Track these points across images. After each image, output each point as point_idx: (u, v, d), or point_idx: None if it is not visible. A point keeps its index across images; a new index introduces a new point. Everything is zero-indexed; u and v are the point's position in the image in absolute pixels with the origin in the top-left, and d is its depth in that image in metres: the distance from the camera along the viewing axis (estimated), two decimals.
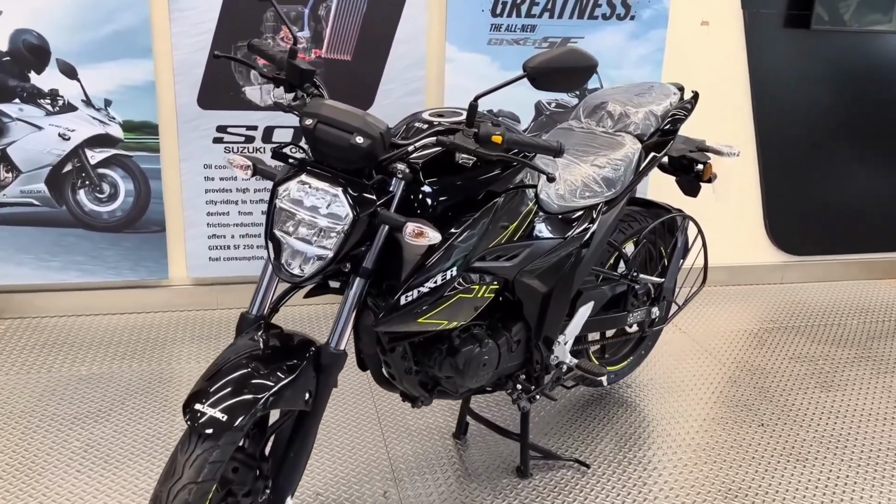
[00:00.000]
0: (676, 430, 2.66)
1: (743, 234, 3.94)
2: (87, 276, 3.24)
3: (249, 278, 3.40)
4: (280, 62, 1.86)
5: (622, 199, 2.34)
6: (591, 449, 2.53)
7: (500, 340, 2.12)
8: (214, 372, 1.64)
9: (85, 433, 2.51)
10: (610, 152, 2.31)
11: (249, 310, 1.81)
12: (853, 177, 4.00)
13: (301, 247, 1.65)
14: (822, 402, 2.89)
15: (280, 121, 3.20)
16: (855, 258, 4.13)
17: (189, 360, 2.99)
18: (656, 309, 2.69)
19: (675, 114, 2.46)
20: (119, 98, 3.06)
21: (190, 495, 1.50)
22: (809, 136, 3.86)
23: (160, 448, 2.44)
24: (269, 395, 1.60)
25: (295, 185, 1.65)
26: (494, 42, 3.32)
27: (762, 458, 2.53)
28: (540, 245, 2.10)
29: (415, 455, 2.47)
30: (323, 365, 1.73)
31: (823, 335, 3.47)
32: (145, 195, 3.20)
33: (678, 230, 2.71)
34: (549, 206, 2.12)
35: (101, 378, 2.84)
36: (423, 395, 2.10)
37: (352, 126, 1.60)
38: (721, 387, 2.97)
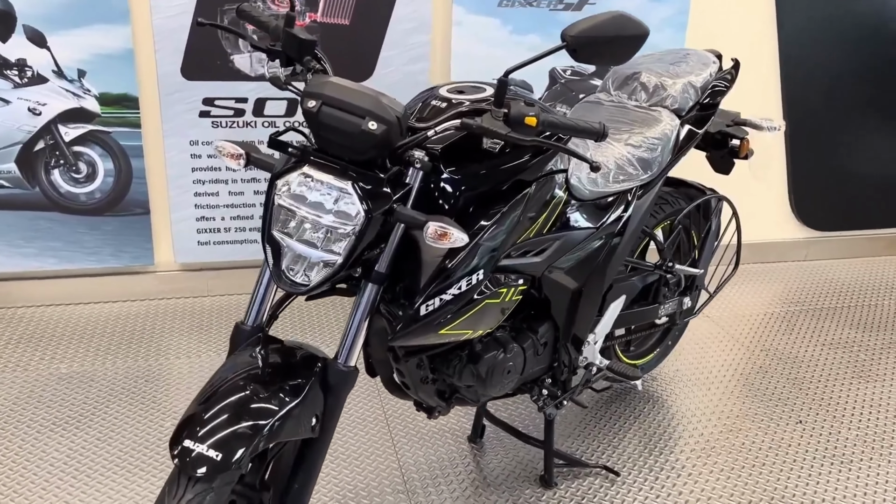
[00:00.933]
0: (709, 429, 2.46)
1: (767, 210, 3.71)
2: (64, 263, 2.99)
3: (241, 263, 3.16)
4: (275, 30, 1.60)
5: (658, 181, 2.10)
6: (618, 453, 2.33)
7: (526, 344, 1.89)
8: (208, 396, 1.41)
9: (66, 440, 2.28)
10: (645, 129, 2.06)
11: (245, 320, 1.57)
12: (883, 148, 3.76)
13: (304, 250, 1.41)
14: (861, 395, 2.69)
15: (273, 92, 2.92)
16: (881, 233, 3.92)
17: (178, 354, 2.76)
18: (688, 299, 2.47)
19: (715, 85, 2.21)
20: (94, 68, 2.78)
21: None
22: (840, 105, 3.61)
23: (148, 456, 2.22)
24: (272, 425, 1.37)
25: (296, 178, 1.40)
26: (506, 4, 3.03)
27: (804, 460, 2.33)
28: (571, 237, 1.86)
29: (427, 462, 2.26)
30: (331, 384, 1.50)
31: (854, 318, 3.27)
32: (126, 175, 2.93)
33: (713, 213, 2.47)
34: (580, 192, 1.88)
35: (83, 377, 2.61)
36: (440, 404, 1.88)
37: (363, 109, 1.35)
38: (752, 378, 2.76)
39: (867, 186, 3.80)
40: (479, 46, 3.05)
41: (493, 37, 3.05)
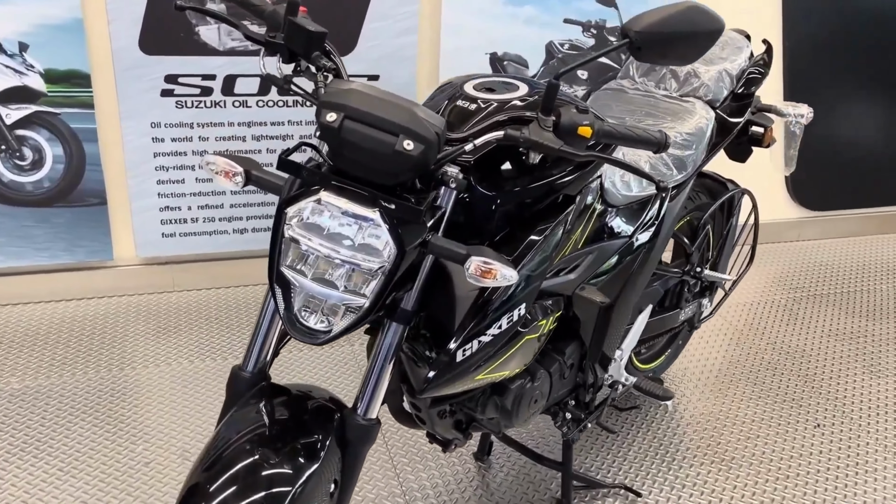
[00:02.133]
0: (726, 437, 2.32)
1: (761, 189, 3.55)
2: (11, 260, 2.67)
3: (210, 255, 2.89)
4: (272, 18, 1.32)
5: (691, 181, 1.90)
6: (635, 469, 2.17)
7: (553, 368, 1.69)
8: (212, 461, 1.18)
9: (24, 471, 2.02)
10: (678, 124, 1.85)
11: (244, 365, 1.33)
12: (877, 124, 3.64)
13: (322, 292, 1.17)
14: (874, 392, 2.58)
15: (244, 68, 2.62)
16: (873, 212, 3.82)
17: (146, 362, 2.49)
18: (706, 300, 2.30)
19: (751, 72, 2.01)
20: (38, 41, 2.43)
21: None
22: (837, 85, 3.46)
23: (116, 493, 1.97)
24: (290, 497, 1.15)
25: (312, 205, 1.15)
26: None
27: (828, 470, 2.21)
28: (605, 248, 1.66)
29: (432, 484, 2.06)
30: (350, 440, 1.28)
31: (856, 304, 3.16)
32: (78, 161, 2.61)
33: (735, 208, 2.29)
34: (613, 197, 1.67)
35: (39, 393, 2.33)
36: (457, 437, 1.68)
37: (398, 125, 1.10)
38: (762, 376, 2.63)
39: (861, 166, 3.68)
40: (471, 18, 2.79)
41: (485, 7, 2.79)
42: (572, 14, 2.87)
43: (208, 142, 2.70)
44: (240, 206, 2.82)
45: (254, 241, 2.88)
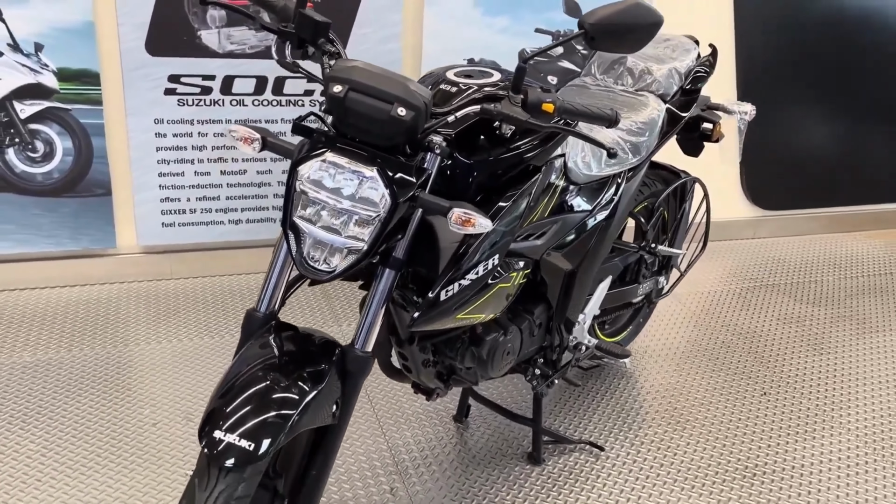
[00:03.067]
0: (682, 403, 2.56)
1: (719, 190, 3.83)
2: (20, 247, 2.85)
3: (207, 245, 3.09)
4: (283, 11, 1.56)
5: (645, 164, 2.16)
6: (599, 428, 2.40)
7: (523, 325, 1.92)
8: (229, 387, 1.39)
9: (39, 433, 2.20)
10: (633, 114, 2.10)
11: (257, 307, 1.54)
12: (825, 130, 3.94)
13: (327, 237, 1.39)
14: (817, 367, 2.84)
15: (241, 69, 2.85)
16: (823, 212, 4.12)
17: (149, 340, 2.68)
18: (663, 278, 2.55)
19: (697, 71, 2.27)
20: (53, 42, 2.64)
21: None
22: (786, 88, 3.76)
23: (129, 448, 2.16)
24: (297, 414, 1.36)
25: (321, 164, 1.38)
26: None
27: (772, 431, 2.45)
28: (568, 219, 1.90)
29: (416, 443, 2.27)
30: (349, 370, 1.49)
31: (804, 293, 3.44)
32: (86, 154, 2.81)
33: (687, 194, 2.55)
34: (576, 176, 1.91)
35: (50, 365, 2.51)
36: (439, 386, 1.90)
37: (393, 95, 1.33)
38: (716, 353, 2.88)
39: (811, 168, 3.98)
40: (450, 26, 3.04)
41: (464, 17, 3.05)
42: (543, 24, 3.13)
43: (207, 137, 2.91)
44: (235, 198, 3.03)
45: (248, 232, 3.09)
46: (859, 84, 3.90)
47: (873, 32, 3.81)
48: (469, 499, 2.07)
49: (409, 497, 2.07)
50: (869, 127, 4.03)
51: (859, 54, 3.83)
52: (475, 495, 2.09)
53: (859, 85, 3.90)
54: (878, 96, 3.97)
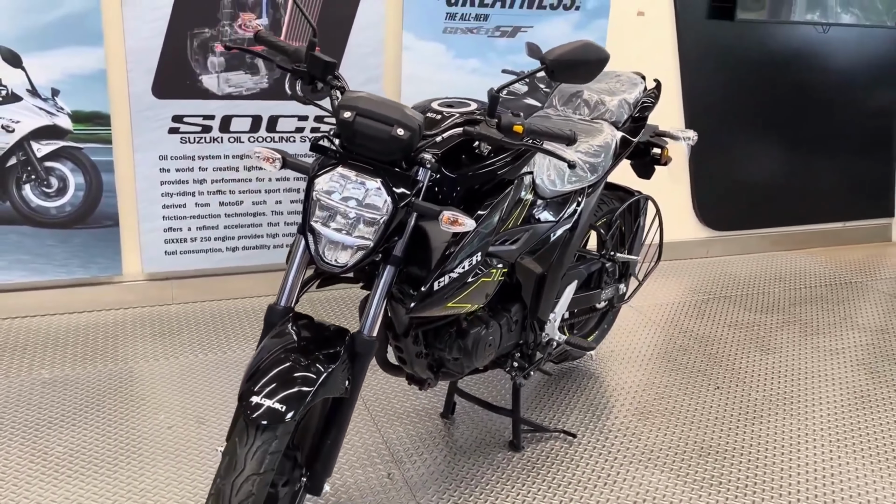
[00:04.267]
0: (643, 397, 2.85)
1: (673, 213, 4.19)
2: (34, 276, 3.08)
3: (206, 271, 3.34)
4: (295, 54, 1.86)
5: (602, 182, 2.48)
6: (571, 419, 2.68)
7: (502, 321, 2.21)
8: (256, 368, 1.65)
9: (65, 437, 2.42)
10: (590, 139, 2.43)
11: (277, 302, 1.81)
12: (766, 156, 4.34)
13: (339, 237, 1.68)
14: (765, 364, 3.16)
15: (238, 110, 3.14)
16: (769, 231, 4.49)
17: (157, 357, 2.92)
18: (623, 285, 2.86)
19: (644, 102, 2.62)
20: (68, 87, 2.92)
21: (254, 487, 1.52)
22: (731, 119, 4.16)
23: (149, 448, 2.38)
24: (317, 386, 1.62)
25: (333, 177, 1.67)
26: (449, 30, 3.38)
27: (723, 418, 2.75)
28: (538, 228, 2.20)
29: (409, 437, 2.53)
30: (358, 352, 1.76)
31: (753, 303, 3.78)
32: (97, 189, 3.07)
33: (641, 211, 2.88)
34: (543, 191, 2.22)
35: (67, 381, 2.73)
36: (430, 377, 2.17)
37: (392, 119, 1.64)
38: (675, 355, 3.19)
39: (757, 191, 4.36)
40: (426, 69, 3.38)
41: (438, 60, 3.39)
42: (508, 66, 3.49)
43: (207, 171, 3.19)
44: (232, 227, 3.30)
45: (244, 258, 3.35)
46: (797, 116, 4.32)
47: (806, 70, 4.25)
48: (458, 481, 2.33)
49: (405, 481, 2.32)
50: (807, 154, 4.44)
51: (794, 89, 4.25)
52: (463, 478, 2.35)
53: (797, 117, 4.32)
54: (814, 127, 4.39)
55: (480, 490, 2.30)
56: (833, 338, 3.46)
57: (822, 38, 4.20)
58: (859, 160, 4.60)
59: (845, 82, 4.38)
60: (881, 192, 4.74)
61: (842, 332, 3.52)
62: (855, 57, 4.35)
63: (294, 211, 3.37)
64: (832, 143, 4.49)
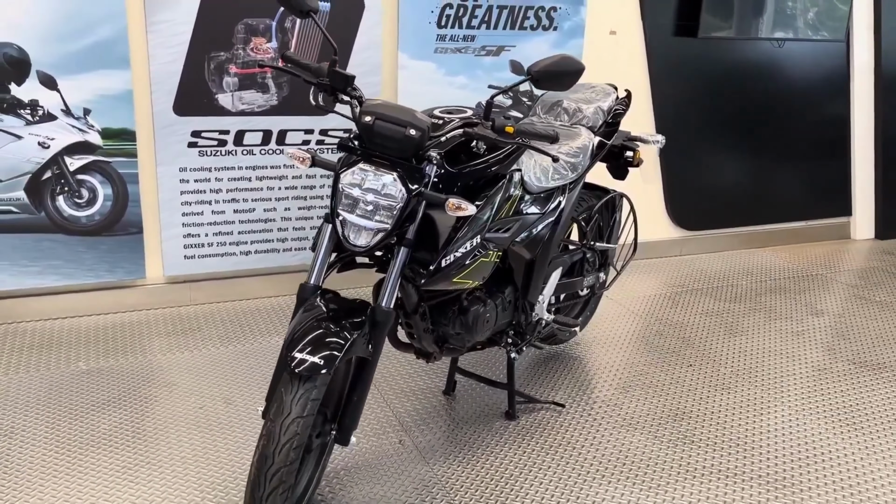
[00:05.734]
0: (624, 375, 3.17)
1: (648, 215, 4.55)
2: (65, 280, 3.36)
3: (221, 274, 3.63)
4: (318, 70, 2.18)
5: (581, 180, 2.82)
6: (560, 393, 2.99)
7: (497, 301, 2.53)
8: (295, 333, 1.95)
9: (108, 417, 2.69)
10: (571, 142, 2.77)
11: (307, 280, 2.12)
12: (732, 161, 4.71)
13: (362, 222, 1.99)
14: (732, 345, 3.50)
15: (251, 125, 3.46)
16: (736, 231, 4.86)
17: (181, 350, 3.20)
18: (602, 274, 3.19)
19: (616, 109, 2.97)
20: (98, 107, 3.22)
21: (298, 427, 1.82)
22: (698, 128, 4.53)
23: (185, 425, 2.67)
24: (347, 346, 1.93)
25: (356, 171, 1.99)
26: (440, 51, 3.72)
27: (696, 389, 3.08)
28: (526, 219, 2.53)
29: (415, 410, 2.83)
30: (378, 321, 2.07)
31: (723, 294, 4.13)
32: (123, 199, 3.36)
33: (617, 207, 3.22)
34: (530, 186, 2.55)
35: (102, 372, 3.01)
36: (436, 351, 2.48)
37: (405, 121, 1.96)
38: (651, 340, 3.52)
39: (725, 194, 4.73)
40: (420, 85, 3.72)
41: (430, 78, 3.73)
42: (494, 81, 3.84)
43: (222, 182, 3.49)
44: (245, 233, 3.60)
45: (257, 262, 3.65)
46: (759, 123, 4.71)
47: (767, 81, 4.64)
48: (462, 445, 2.63)
49: (415, 446, 2.61)
50: (770, 159, 4.82)
51: (757, 98, 4.64)
52: (466, 443, 2.65)
53: (760, 124, 4.71)
54: (775, 133, 4.78)
55: (482, 452, 2.60)
56: (795, 322, 3.80)
57: (778, 52, 4.60)
58: (817, 163, 5.00)
59: (802, 92, 4.78)
60: (838, 193, 5.13)
61: (803, 317, 3.87)
62: (810, 69, 4.76)
63: (301, 217, 3.67)
64: (792, 147, 4.88)
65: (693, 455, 2.62)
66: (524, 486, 2.42)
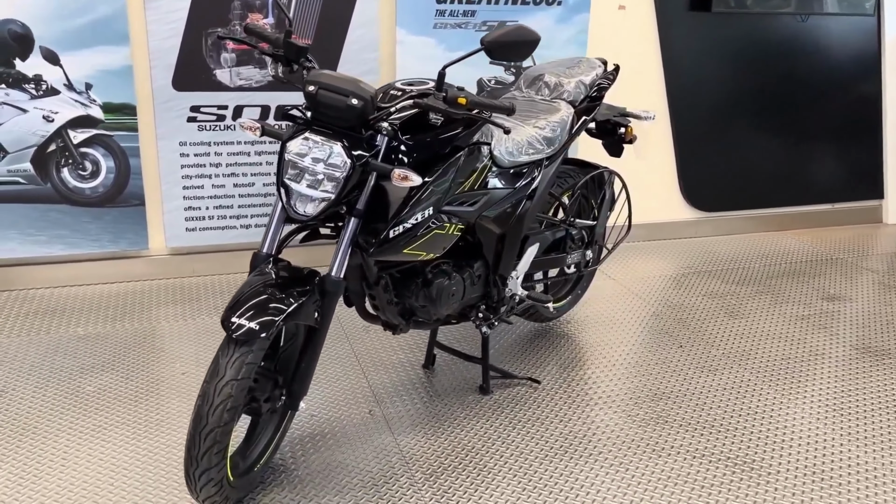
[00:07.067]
0: (610, 354, 3.13)
1: (661, 195, 4.46)
2: (71, 249, 3.49)
3: (223, 247, 3.72)
4: (276, 41, 2.21)
5: (559, 155, 2.78)
6: (540, 370, 2.98)
7: (465, 275, 2.53)
8: (238, 297, 1.99)
9: (94, 380, 2.80)
10: (548, 116, 2.74)
11: (260, 248, 2.16)
12: (751, 142, 4.57)
13: (307, 191, 2.02)
14: (730, 327, 3.42)
15: (249, 100, 3.52)
16: (755, 213, 4.72)
17: (176, 319, 3.30)
18: (590, 252, 3.15)
19: (600, 83, 2.91)
20: (99, 82, 3.33)
21: (232, 389, 1.86)
22: (714, 106, 4.41)
23: (165, 389, 2.76)
24: (289, 311, 1.96)
25: (301, 141, 2.01)
26: (439, 26, 3.71)
27: (681, 370, 3.02)
28: (494, 194, 2.52)
29: (391, 383, 2.86)
30: (327, 290, 2.10)
31: (731, 277, 4.03)
32: (125, 172, 3.47)
33: (606, 184, 3.17)
34: (501, 160, 2.54)
35: (98, 337, 3.12)
36: (402, 323, 2.50)
37: (348, 90, 1.98)
38: (646, 320, 3.46)
39: (743, 174, 4.60)
40: (418, 61, 3.72)
41: (429, 54, 3.73)
42: None
43: (222, 156, 3.57)
44: (245, 206, 3.67)
45: (257, 235, 3.72)
46: (783, 102, 4.55)
47: (790, 57, 4.48)
48: (431, 418, 2.65)
49: (384, 417, 2.65)
50: (793, 138, 4.66)
51: (779, 76, 4.49)
52: (435, 416, 2.66)
53: (783, 103, 4.55)
54: (800, 112, 4.61)
55: (448, 424, 2.61)
56: (802, 306, 3.69)
57: (802, 26, 4.43)
58: (845, 144, 4.80)
59: (828, 69, 4.60)
60: (869, 175, 4.93)
61: (812, 301, 3.74)
62: (837, 45, 4.57)
63: None
64: (818, 127, 4.70)
65: (663, 435, 2.59)
66: (483, 459, 2.43)
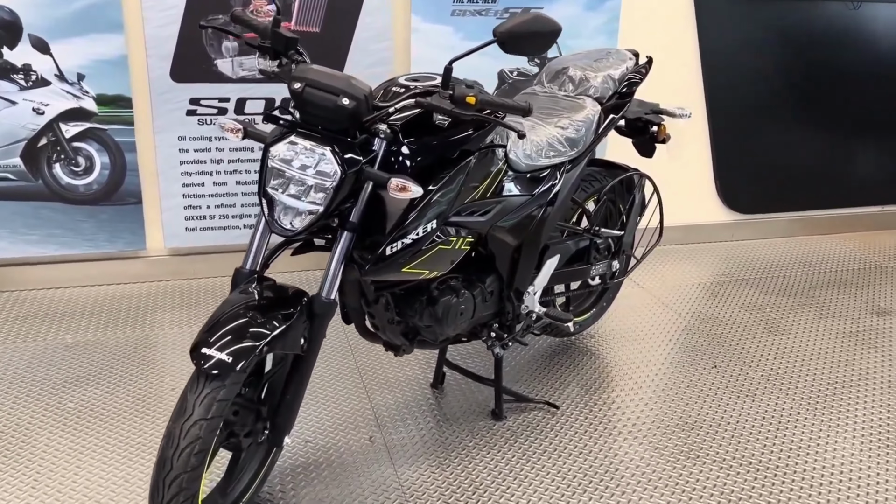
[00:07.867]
0: (637, 374, 2.86)
1: (695, 195, 4.15)
2: (64, 249, 3.30)
3: (225, 247, 3.50)
4: (264, 31, 1.97)
5: (584, 158, 2.51)
6: (559, 393, 2.72)
7: (475, 291, 2.27)
8: (214, 322, 1.76)
9: (77, 395, 2.61)
10: (572, 114, 2.47)
11: (243, 265, 1.93)
12: (794, 139, 4.24)
13: (292, 203, 1.78)
14: (770, 345, 3.12)
15: (252, 92, 3.29)
16: (798, 215, 4.39)
17: (172, 326, 3.09)
18: (616, 262, 2.87)
19: (630, 77, 2.63)
20: (92, 72, 3.12)
21: (201, 430, 1.64)
22: (755, 101, 4.08)
23: (151, 407, 2.55)
24: (269, 339, 1.72)
25: (286, 145, 1.77)
26: (458, 13, 3.44)
27: (715, 394, 2.74)
28: (510, 202, 2.25)
29: (396, 404, 2.62)
30: (316, 313, 1.86)
31: (771, 286, 3.72)
32: (121, 168, 3.27)
33: (635, 188, 2.89)
34: (517, 164, 2.27)
35: (87, 345, 2.93)
36: (404, 343, 2.25)
37: (338, 88, 1.73)
38: (677, 335, 3.18)
39: (784, 174, 4.27)
40: (435, 51, 3.46)
41: (446, 43, 3.46)
42: None
43: (223, 152, 3.35)
44: (248, 205, 3.45)
45: None
46: (830, 96, 4.20)
47: (838, 47, 4.13)
48: (436, 446, 2.41)
49: (385, 444, 2.41)
50: (840, 135, 4.31)
51: (826, 68, 4.14)
52: (441, 444, 2.42)
53: (830, 97, 4.20)
54: (849, 107, 4.26)
55: (456, 455, 2.37)
56: (850, 321, 3.38)
57: (854, 14, 4.08)
58: None
59: (881, 61, 4.24)
60: None
61: (861, 316, 3.43)
62: (891, 34, 4.20)
63: None
64: (868, 124, 4.35)
65: (693, 472, 2.32)
66: (493, 497, 2.19)
